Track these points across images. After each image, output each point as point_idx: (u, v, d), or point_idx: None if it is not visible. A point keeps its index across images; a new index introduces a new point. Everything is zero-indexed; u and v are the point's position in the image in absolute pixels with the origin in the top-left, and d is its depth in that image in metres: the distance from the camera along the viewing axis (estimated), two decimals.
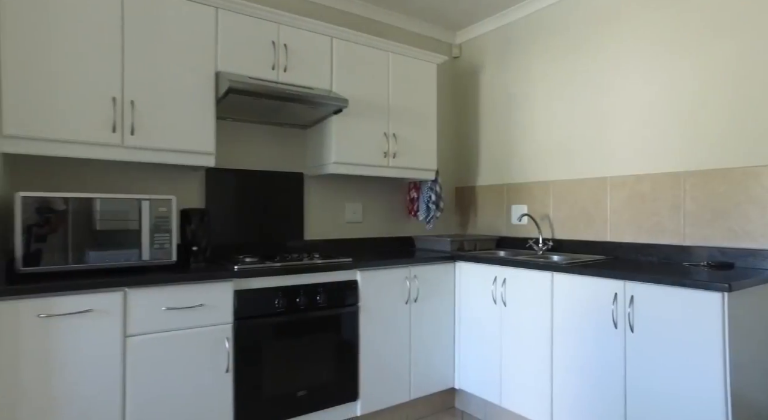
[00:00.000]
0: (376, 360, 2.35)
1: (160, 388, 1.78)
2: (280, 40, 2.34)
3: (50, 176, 2.08)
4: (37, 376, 1.56)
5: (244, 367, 1.97)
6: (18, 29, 1.74)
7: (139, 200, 1.87)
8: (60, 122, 1.80)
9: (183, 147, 2.07)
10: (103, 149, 1.89)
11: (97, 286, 1.66)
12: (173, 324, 1.82)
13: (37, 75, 1.77)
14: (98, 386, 1.66)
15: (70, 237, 1.74)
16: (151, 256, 1.89)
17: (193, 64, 2.10)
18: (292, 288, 2.10)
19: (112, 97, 1.91)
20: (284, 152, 2.72)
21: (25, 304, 1.55)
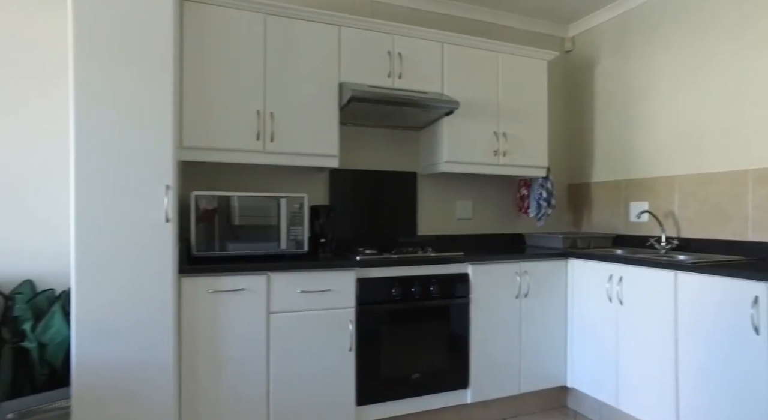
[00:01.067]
0: (486, 351, 2.43)
1: (295, 358, 2.07)
2: (395, 50, 2.53)
3: (212, 178, 2.50)
4: (208, 337, 1.94)
5: (364, 347, 2.19)
6: (192, 66, 2.15)
7: (279, 198, 2.19)
8: (219, 134, 2.19)
9: (312, 151, 2.36)
10: (250, 155, 2.25)
11: (248, 269, 2.00)
12: (306, 305, 2.09)
13: (203, 98, 2.17)
14: (249, 350, 2.00)
15: (228, 228, 2.10)
16: (288, 246, 2.20)
17: (320, 78, 2.39)
18: (408, 278, 2.27)
19: (257, 111, 2.26)
20: (399, 153, 2.92)
21: (199, 280, 1.92)
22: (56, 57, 2.21)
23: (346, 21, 2.42)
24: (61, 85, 2.22)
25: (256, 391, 2.00)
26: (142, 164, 1.79)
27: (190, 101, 2.14)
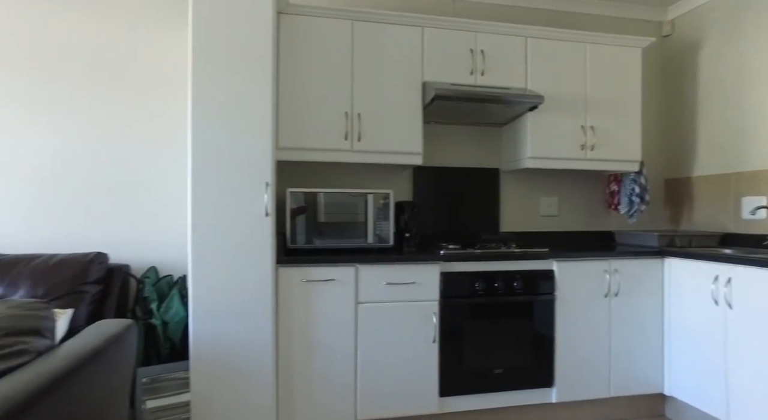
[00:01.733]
0: (573, 350, 2.37)
1: (381, 346, 2.17)
2: (478, 47, 2.55)
3: (303, 176, 2.70)
4: (301, 322, 2.11)
5: (447, 339, 2.23)
6: (286, 73, 2.34)
7: (366, 194, 2.31)
8: (311, 135, 2.36)
9: (397, 149, 2.45)
10: (339, 154, 2.39)
11: (338, 261, 2.14)
12: (391, 296, 2.19)
13: (296, 102, 2.35)
14: (338, 337, 2.13)
15: (319, 222, 2.26)
16: (374, 240, 2.31)
17: (404, 78, 2.47)
18: (491, 273, 2.28)
19: (345, 112, 2.39)
20: (481, 149, 2.93)
21: (294, 270, 2.10)
22: (176, 71, 2.52)
23: (429, 22, 2.48)
24: (179, 97, 2.52)
25: (344, 375, 2.14)
26: (246, 164, 1.99)
27: (285, 105, 2.34)
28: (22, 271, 2.11)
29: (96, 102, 2.43)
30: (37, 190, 2.38)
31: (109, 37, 2.44)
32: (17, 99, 2.35)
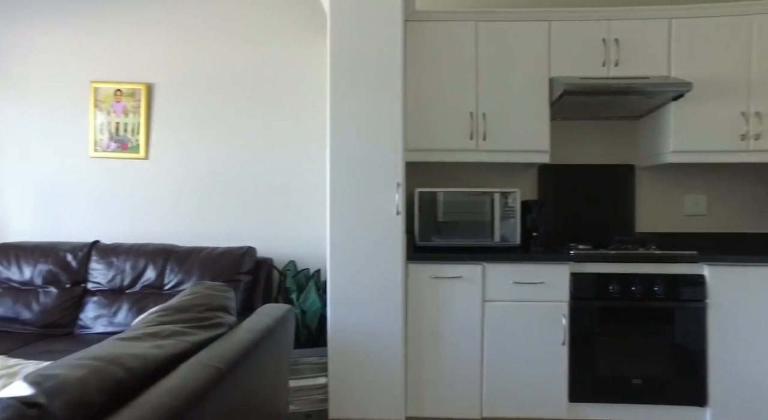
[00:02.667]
0: (732, 367, 2.12)
1: (507, 345, 2.16)
2: (611, 36, 2.40)
3: (428, 176, 2.79)
4: (429, 316, 2.19)
5: (578, 343, 2.15)
6: (412, 78, 2.44)
7: (492, 193, 2.32)
8: (437, 136, 2.43)
9: (523, 147, 2.42)
10: (465, 154, 2.43)
11: (465, 259, 2.18)
12: (519, 296, 2.17)
13: (422, 105, 2.44)
14: (465, 333, 2.17)
15: (446, 221, 2.33)
16: (500, 239, 2.31)
17: (530, 75, 2.42)
18: (627, 276, 2.14)
19: (470, 112, 2.42)
20: (613, 145, 2.75)
21: (422, 267, 2.19)
22: (316, 83, 2.76)
23: (556, 15, 2.41)
24: (318, 106, 2.76)
25: (470, 370, 2.17)
26: (378, 166, 2.13)
27: (411, 109, 2.44)
28: (193, 261, 2.49)
29: (249, 116, 2.78)
30: (202, 193, 2.79)
31: (261, 59, 2.76)
32: (192, 117, 2.78)
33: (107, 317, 2.41)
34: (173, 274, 2.48)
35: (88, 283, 2.52)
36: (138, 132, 2.76)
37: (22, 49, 2.82)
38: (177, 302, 1.22)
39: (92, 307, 2.45)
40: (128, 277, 2.49)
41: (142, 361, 0.84)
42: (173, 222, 2.80)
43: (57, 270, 2.51)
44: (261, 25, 2.76)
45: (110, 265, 2.52)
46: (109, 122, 2.76)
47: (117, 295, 2.48)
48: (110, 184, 2.80)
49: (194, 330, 1.10)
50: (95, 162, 2.80)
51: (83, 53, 2.79)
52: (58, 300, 2.47)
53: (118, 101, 2.75)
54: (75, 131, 2.80)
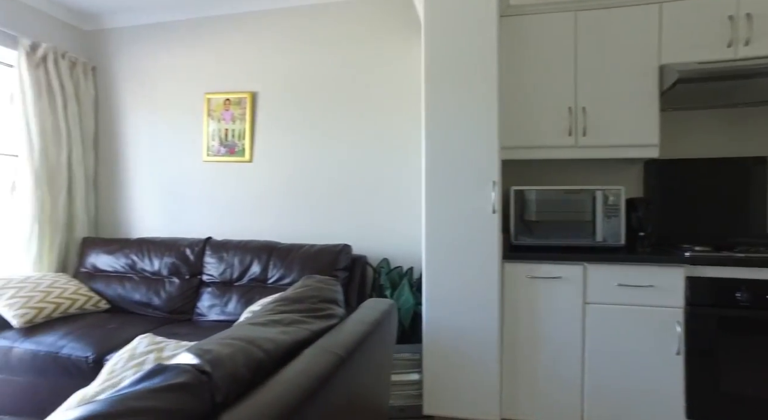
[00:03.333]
0: None
1: (611, 350, 2.04)
2: (741, 11, 2.17)
3: (523, 174, 2.72)
4: (526, 316, 2.13)
5: (696, 354, 1.97)
6: (506, 74, 2.40)
7: (594, 191, 2.20)
8: (533, 133, 2.36)
9: (627, 141, 2.27)
10: (563, 150, 2.33)
11: (564, 259, 2.09)
12: (624, 299, 2.04)
13: (517, 102, 2.38)
14: (564, 335, 2.09)
15: (543, 219, 2.25)
16: (604, 239, 2.19)
17: (636, 64, 2.27)
18: (760, 282, 1.92)
19: (568, 107, 2.32)
20: (736, 135, 2.48)
21: (519, 266, 2.14)
22: (410, 83, 2.81)
23: None
24: (412, 105, 2.81)
25: (570, 374, 2.08)
26: (474, 164, 2.11)
27: (507, 106, 2.39)
28: (294, 257, 2.65)
29: (344, 119, 2.90)
30: (301, 193, 2.96)
31: (354, 63, 2.87)
32: (292, 121, 2.97)
33: (219, 306, 2.65)
34: (276, 269, 2.65)
35: (203, 276, 2.78)
36: (243, 137, 3.00)
37: (152, 71, 3.19)
38: (292, 294, 1.32)
39: (207, 297, 2.70)
40: (237, 271, 2.72)
41: (274, 344, 0.92)
42: (275, 220, 3.00)
43: (179, 263, 2.80)
44: (354, 31, 2.86)
45: (221, 260, 2.76)
46: (219, 129, 3.03)
47: (227, 287, 2.71)
48: (220, 185, 3.07)
49: (311, 319, 1.18)
50: (207, 165, 3.09)
51: (199, 70, 3.09)
52: (179, 289, 2.76)
53: (227, 109, 3.01)
54: (191, 138, 3.11)
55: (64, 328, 2.34)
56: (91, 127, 3.22)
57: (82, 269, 2.95)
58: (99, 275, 2.89)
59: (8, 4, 2.78)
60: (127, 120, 3.24)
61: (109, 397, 0.60)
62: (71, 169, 3.05)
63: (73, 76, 3.08)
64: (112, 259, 2.89)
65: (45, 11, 2.99)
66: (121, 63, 3.24)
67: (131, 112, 3.23)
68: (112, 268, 2.89)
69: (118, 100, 3.26)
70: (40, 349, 2.20)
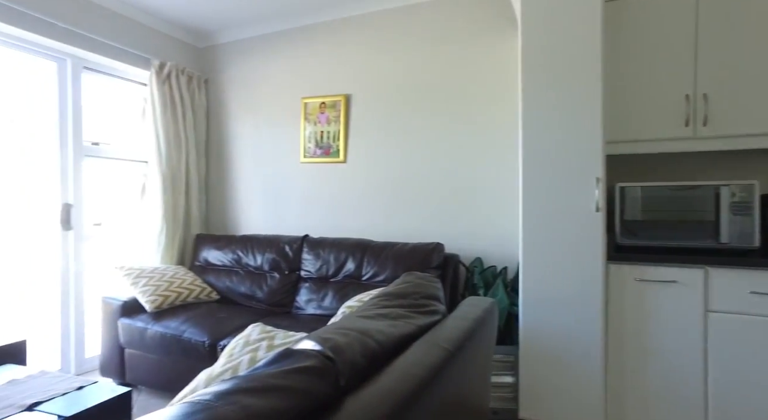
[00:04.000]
0: None
1: (742, 370, 1.82)
2: None
3: (629, 169, 2.53)
4: (634, 323, 1.98)
5: None
6: (611, 64, 2.24)
7: (718, 186, 1.98)
8: (641, 126, 2.18)
9: (761, 130, 2.01)
10: (677, 143, 2.13)
11: (681, 262, 1.91)
12: (757, 309, 1.81)
13: (622, 93, 2.22)
14: (681, 347, 1.90)
15: (654, 218, 2.07)
16: (731, 240, 1.96)
17: None
18: None
19: (685, 95, 2.12)
20: None
21: (626, 268, 1.99)
22: (505, 79, 2.75)
23: None
24: (507, 100, 2.74)
25: (689, 393, 1.89)
26: (575, 160, 2.01)
27: (610, 97, 2.24)
28: (387, 255, 2.71)
29: (436, 118, 2.90)
30: (393, 192, 3.01)
31: (446, 62, 2.87)
32: (384, 122, 3.04)
33: (316, 301, 2.78)
34: (370, 266, 2.73)
35: (301, 271, 2.94)
36: (338, 139, 3.12)
37: (255, 81, 3.44)
38: (395, 289, 1.35)
39: (305, 292, 2.85)
40: (332, 268, 2.83)
41: (385, 336, 0.95)
42: (368, 218, 3.08)
43: (279, 259, 2.99)
44: (445, 29, 2.85)
45: (318, 257, 2.90)
46: (315, 132, 3.19)
47: (324, 282, 2.84)
48: (316, 186, 3.23)
49: (415, 314, 1.20)
50: (305, 166, 3.26)
51: (296, 76, 3.27)
52: (279, 284, 2.94)
53: (322, 112, 3.16)
54: (290, 141, 3.30)
55: (184, 314, 2.61)
56: (203, 134, 3.55)
57: (196, 263, 3.26)
58: (210, 269, 3.17)
59: (142, 31, 3.15)
60: (233, 126, 3.53)
61: (249, 375, 0.66)
62: (188, 173, 3.39)
63: (190, 89, 3.42)
64: (220, 254, 3.16)
65: (169, 34, 3.36)
66: (229, 75, 3.53)
67: (237, 119, 3.52)
68: (221, 263, 3.16)
69: (226, 108, 3.56)
70: (167, 332, 2.47)
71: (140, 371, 2.62)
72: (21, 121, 2.66)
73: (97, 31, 2.86)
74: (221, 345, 2.32)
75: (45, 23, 2.60)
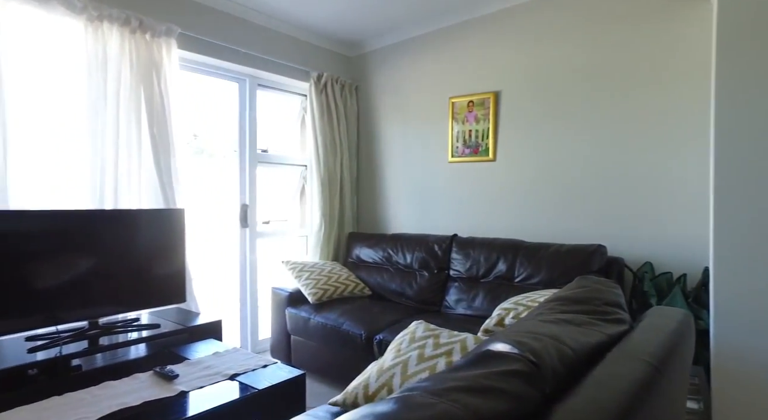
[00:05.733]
0: None
1: None
2: None
3: None
4: None
5: None
6: None
7: None
8: None
9: None
10: None
11: None
12: None
13: None
14: None
15: None
16: None
17: None
18: None
19: None
20: None
21: None
22: (692, 65, 2.41)
23: None
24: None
25: None
26: None
27: None
28: (542, 257, 2.56)
29: (595, 111, 2.66)
30: (547, 191, 2.84)
31: (607, 49, 2.61)
32: (536, 118, 2.89)
33: (466, 301, 2.76)
34: (522, 267, 2.61)
35: (450, 270, 2.94)
36: (487, 137, 3.05)
37: (402, 84, 3.55)
38: (571, 294, 1.25)
39: (454, 291, 2.85)
40: (482, 268, 2.78)
41: (579, 344, 0.88)
42: (519, 218, 2.96)
43: (428, 257, 3.03)
44: (602, 11, 2.59)
45: (467, 256, 2.87)
46: (463, 131, 3.16)
47: (473, 282, 2.80)
48: (463, 185, 3.20)
49: (600, 322, 1.09)
50: (452, 166, 3.26)
51: (443, 76, 3.29)
52: (429, 282, 2.98)
53: (470, 111, 3.12)
54: (437, 141, 3.33)
55: (341, 308, 2.80)
56: (354, 138, 3.78)
57: (350, 259, 3.47)
58: (362, 265, 3.36)
59: (303, 46, 3.48)
60: (382, 129, 3.69)
61: (455, 375, 0.66)
62: (342, 175, 3.63)
63: (343, 96, 3.67)
64: (372, 252, 3.33)
65: (324, 47, 3.65)
66: (377, 80, 3.70)
67: (385, 122, 3.67)
68: (372, 260, 3.32)
69: (375, 112, 3.73)
70: (327, 323, 2.68)
71: (304, 356, 2.89)
72: (209, 135, 3.13)
73: (268, 51, 3.23)
74: (377, 339, 2.44)
75: (231, 50, 3.01)
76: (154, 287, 2.29)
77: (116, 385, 1.67)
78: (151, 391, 1.63)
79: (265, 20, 3.18)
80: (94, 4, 2.30)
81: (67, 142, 2.30)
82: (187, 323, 2.32)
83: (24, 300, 1.88)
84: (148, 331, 2.17)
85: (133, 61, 2.45)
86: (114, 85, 2.39)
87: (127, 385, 1.67)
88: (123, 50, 2.42)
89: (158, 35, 2.54)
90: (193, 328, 2.28)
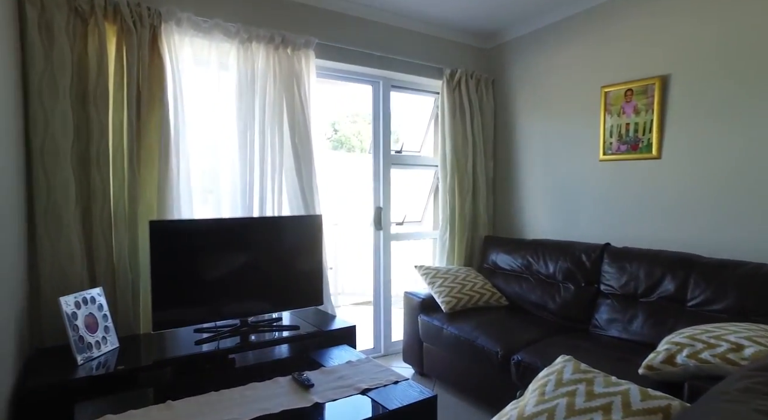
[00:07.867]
0: None
1: None
2: None
3: None
4: None
5: None
6: None
7: None
8: None
9: None
10: None
11: None
12: None
13: None
14: None
15: None
16: None
17: None
18: None
19: None
20: None
21: None
22: None
23: None
24: None
25: None
26: None
27: None
28: (726, 278, 2.08)
29: None
30: (727, 196, 2.30)
31: None
32: (720, 107, 2.36)
33: (621, 323, 2.38)
34: (698, 289, 2.15)
35: (600, 285, 2.58)
36: (649, 130, 2.58)
37: (544, 74, 3.21)
38: None
39: (605, 310, 2.48)
40: (642, 285, 2.37)
41: None
42: (688, 226, 2.46)
43: (573, 268, 2.70)
44: None
45: (623, 270, 2.47)
46: (618, 125, 2.73)
47: (630, 301, 2.41)
48: (617, 186, 2.77)
49: None
50: (604, 165, 2.84)
51: (594, 62, 2.88)
52: (574, 296, 2.66)
53: (628, 101, 2.68)
54: (585, 137, 2.94)
55: (476, 319, 2.64)
56: (490, 135, 3.55)
57: (485, 265, 3.28)
58: (499, 272, 3.14)
59: (435, 43, 3.36)
60: (521, 125, 3.40)
61: None
62: (475, 175, 3.44)
63: (478, 92, 3.46)
64: (509, 258, 3.09)
65: (458, 41, 3.47)
66: (515, 72, 3.41)
67: (525, 118, 3.36)
68: (509, 267, 3.08)
69: (513, 107, 3.45)
70: (461, 335, 2.55)
71: (435, 364, 2.81)
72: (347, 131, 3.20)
73: (401, 52, 3.18)
74: (514, 359, 2.23)
75: (364, 55, 3.03)
76: (295, 289, 2.41)
77: (260, 388, 1.78)
78: (289, 399, 1.69)
79: (396, 19, 3.12)
80: (245, 26, 2.48)
81: (220, 156, 2.53)
82: (323, 326, 2.40)
83: (198, 295, 2.14)
84: (289, 332, 2.29)
85: (276, 75, 2.60)
86: (260, 100, 2.56)
87: (269, 389, 1.76)
88: (268, 66, 2.58)
89: (298, 48, 2.66)
90: (329, 332, 2.35)
